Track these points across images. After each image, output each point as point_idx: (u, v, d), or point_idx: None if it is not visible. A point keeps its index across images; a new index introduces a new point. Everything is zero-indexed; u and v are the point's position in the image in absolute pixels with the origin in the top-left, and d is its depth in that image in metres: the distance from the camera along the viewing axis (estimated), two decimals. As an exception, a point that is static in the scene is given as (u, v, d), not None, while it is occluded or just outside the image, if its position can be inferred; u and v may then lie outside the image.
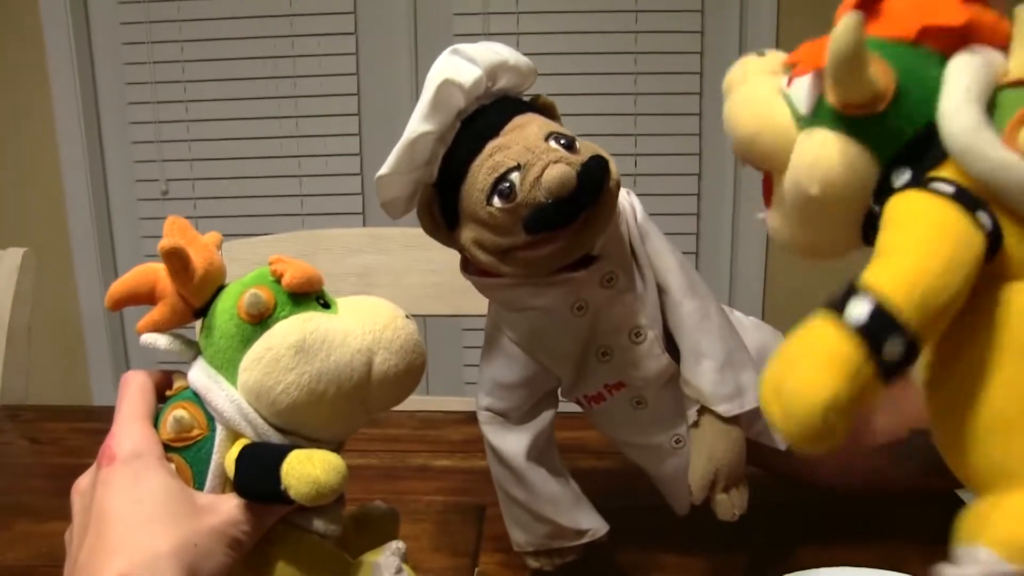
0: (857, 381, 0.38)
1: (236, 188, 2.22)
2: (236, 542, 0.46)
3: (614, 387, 0.64)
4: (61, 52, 2.16)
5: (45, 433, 1.00)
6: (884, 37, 0.45)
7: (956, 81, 0.43)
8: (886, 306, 0.39)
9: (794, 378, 0.39)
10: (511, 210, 0.54)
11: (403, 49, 2.15)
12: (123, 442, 0.47)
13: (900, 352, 0.39)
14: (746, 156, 0.51)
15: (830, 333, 0.39)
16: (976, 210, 0.41)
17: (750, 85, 0.52)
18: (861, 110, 0.44)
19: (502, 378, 0.64)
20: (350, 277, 1.24)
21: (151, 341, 0.49)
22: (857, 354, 0.38)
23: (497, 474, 0.66)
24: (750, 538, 0.69)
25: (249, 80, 2.16)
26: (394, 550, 0.50)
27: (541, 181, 0.53)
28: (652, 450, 0.66)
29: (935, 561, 0.43)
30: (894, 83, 0.44)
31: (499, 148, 0.55)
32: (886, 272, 0.40)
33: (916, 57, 0.45)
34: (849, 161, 0.45)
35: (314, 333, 0.47)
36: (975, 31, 0.44)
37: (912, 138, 0.44)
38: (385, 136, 2.17)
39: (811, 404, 0.38)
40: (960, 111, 0.42)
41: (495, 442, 0.64)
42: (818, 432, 0.39)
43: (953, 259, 0.40)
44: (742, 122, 0.51)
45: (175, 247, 0.46)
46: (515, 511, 0.66)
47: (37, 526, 0.77)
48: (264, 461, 0.46)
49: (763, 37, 2.08)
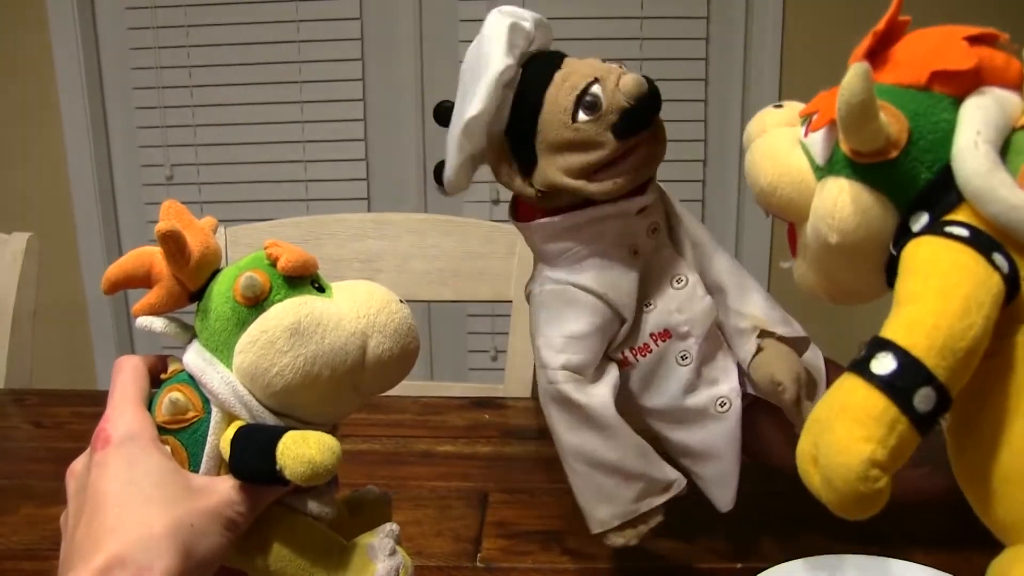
0: (893, 437, 0.38)
1: (241, 173, 2.22)
2: (231, 523, 0.46)
3: (660, 336, 0.64)
4: (66, 37, 2.16)
5: (49, 417, 1.01)
6: (894, 84, 0.45)
7: (969, 124, 0.43)
8: (910, 357, 0.38)
9: (830, 442, 0.39)
10: (598, 119, 0.58)
11: (408, 35, 2.14)
12: (117, 425, 0.47)
13: (932, 401, 0.38)
14: (768, 206, 0.52)
15: (859, 392, 0.39)
16: (992, 252, 0.41)
17: (769, 137, 0.53)
18: (875, 158, 0.44)
19: (575, 330, 0.62)
20: (354, 262, 1.24)
21: (147, 324, 0.49)
22: (890, 409, 0.38)
23: (577, 443, 0.62)
24: (752, 525, 0.70)
25: (254, 65, 2.16)
26: (388, 532, 0.50)
27: (620, 88, 0.58)
28: (694, 415, 0.65)
29: (936, 551, 0.43)
30: (906, 130, 0.44)
31: (569, 74, 0.60)
32: (906, 323, 0.40)
33: (927, 102, 0.45)
34: (865, 209, 0.45)
35: (309, 316, 0.47)
36: (985, 73, 0.44)
37: (928, 182, 0.44)
38: (389, 123, 2.17)
39: (850, 467, 0.38)
40: (973, 154, 0.42)
41: (581, 399, 0.61)
42: (861, 495, 0.38)
43: (971, 301, 0.39)
44: (763, 174, 0.52)
45: (171, 230, 0.47)
46: (600, 480, 0.62)
47: (41, 510, 0.77)
48: (259, 442, 0.46)
49: (767, 40, 2.07)
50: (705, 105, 2.13)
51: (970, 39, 0.45)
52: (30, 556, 0.71)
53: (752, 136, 0.54)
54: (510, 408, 1.00)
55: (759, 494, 0.65)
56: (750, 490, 0.64)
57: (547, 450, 0.86)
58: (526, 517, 0.75)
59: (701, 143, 2.14)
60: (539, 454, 0.87)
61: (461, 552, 0.70)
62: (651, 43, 2.07)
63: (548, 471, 0.83)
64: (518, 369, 1.16)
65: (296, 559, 0.48)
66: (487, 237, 1.22)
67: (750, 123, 0.55)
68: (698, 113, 2.13)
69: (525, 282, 0.69)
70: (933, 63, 0.45)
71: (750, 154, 0.53)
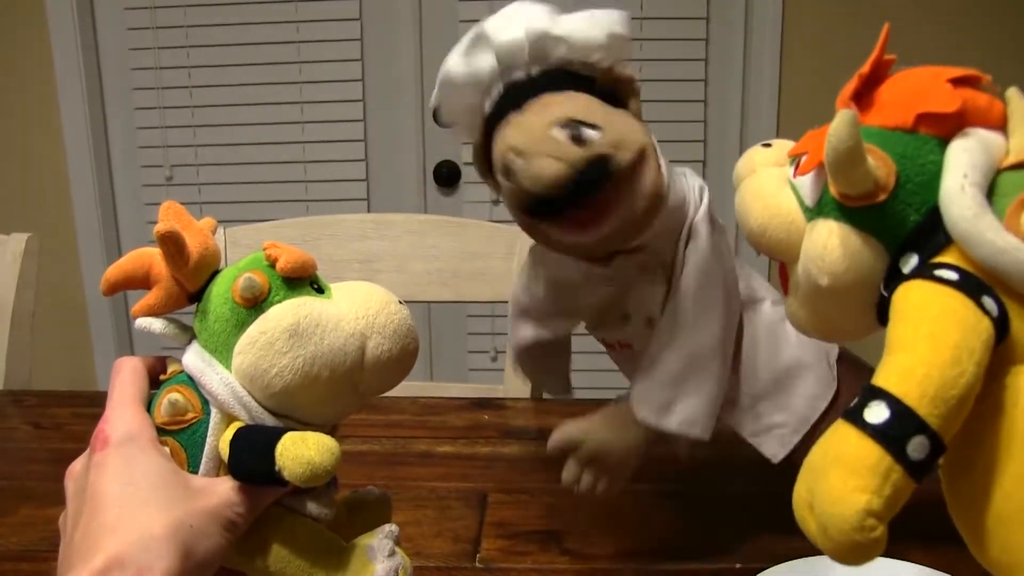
0: (888, 486, 0.38)
1: (240, 174, 2.22)
2: (231, 524, 0.46)
3: (625, 347, 0.68)
4: (65, 38, 2.16)
5: (48, 418, 1.01)
6: (881, 126, 0.46)
7: (956, 168, 0.44)
8: (903, 406, 0.39)
9: (825, 491, 0.39)
10: (513, 190, 0.57)
11: (408, 35, 2.14)
12: (116, 426, 0.47)
13: (926, 449, 0.39)
14: (759, 247, 0.52)
15: (853, 441, 0.39)
16: (981, 295, 0.41)
17: (758, 177, 0.53)
18: (863, 201, 0.45)
19: (530, 289, 0.70)
20: (354, 263, 1.24)
21: (146, 325, 0.49)
22: (884, 459, 0.38)
23: None
24: (752, 525, 0.69)
25: (254, 66, 2.16)
26: (387, 533, 0.50)
27: (530, 176, 0.54)
28: None
29: (935, 551, 0.43)
30: (894, 173, 0.45)
31: (513, 126, 0.57)
32: (897, 371, 0.40)
33: (914, 144, 0.45)
34: (854, 251, 0.46)
35: (308, 317, 0.47)
36: (969, 114, 0.45)
37: (917, 224, 0.45)
38: (389, 122, 2.17)
39: (846, 518, 0.38)
40: (960, 198, 0.43)
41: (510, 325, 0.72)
42: (857, 545, 0.38)
43: (962, 348, 0.39)
44: (752, 215, 0.52)
45: (170, 231, 0.47)
46: None
47: (40, 511, 0.77)
48: (258, 443, 0.46)
49: (767, 41, 2.07)
50: (704, 106, 2.13)
51: (954, 81, 0.46)
52: (29, 557, 0.71)
53: (741, 176, 0.55)
54: (509, 409, 1.00)
55: (759, 494, 0.65)
56: (750, 490, 0.64)
57: (546, 451, 0.86)
58: (525, 517, 0.75)
59: (700, 144, 2.14)
60: (538, 454, 0.87)
61: (460, 552, 0.70)
62: (651, 43, 2.07)
63: (548, 471, 0.83)
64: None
65: (295, 560, 0.48)
66: (487, 238, 1.22)
67: (739, 163, 0.55)
68: (697, 114, 2.13)
69: None
70: (919, 105, 0.45)
71: (740, 195, 0.54)
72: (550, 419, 0.77)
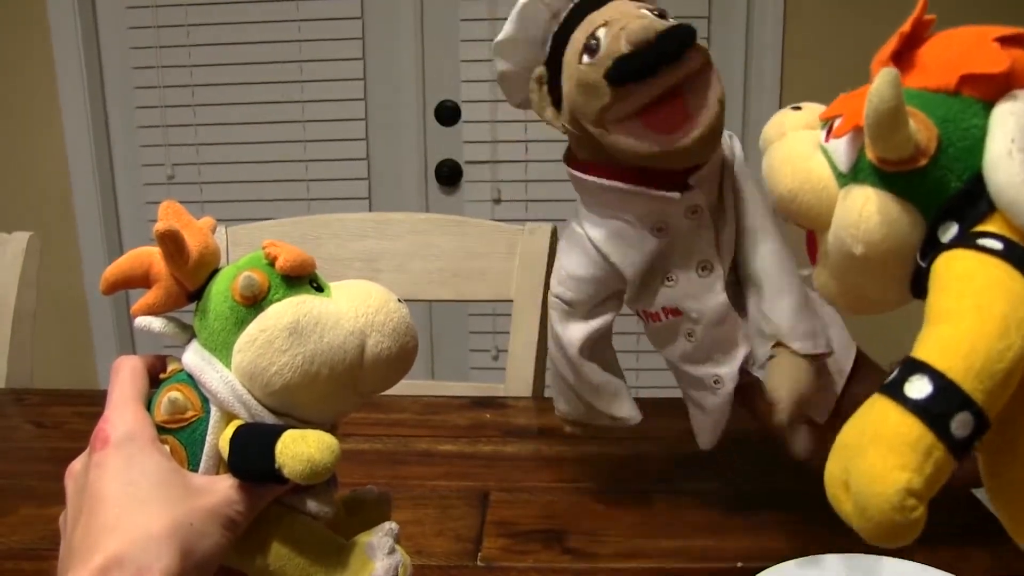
0: (930, 464, 0.36)
1: (242, 173, 2.22)
2: (231, 522, 0.46)
3: (671, 311, 0.67)
4: (67, 36, 2.16)
5: (50, 417, 1.01)
6: (922, 88, 0.44)
7: (1001, 131, 0.41)
8: (947, 381, 0.37)
9: (863, 470, 0.37)
10: (596, 63, 0.57)
11: (409, 34, 2.14)
12: (116, 425, 0.47)
13: (970, 426, 0.37)
14: (788, 213, 0.50)
15: (893, 417, 0.38)
16: None
17: (788, 141, 0.51)
18: (903, 166, 0.43)
19: (574, 271, 0.68)
20: (355, 262, 1.24)
21: (145, 324, 0.49)
22: (926, 435, 0.37)
23: (553, 353, 0.71)
24: (752, 525, 0.69)
25: (255, 65, 2.16)
26: (387, 531, 0.50)
27: (622, 32, 0.56)
28: (691, 379, 0.69)
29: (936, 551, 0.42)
30: (936, 137, 0.42)
31: (598, 12, 0.59)
32: (940, 343, 0.38)
33: (957, 107, 0.43)
34: (892, 219, 0.44)
35: (307, 315, 0.47)
36: (1018, 76, 0.43)
37: (958, 191, 0.43)
38: (391, 121, 2.17)
39: (886, 496, 0.36)
40: (1008, 164, 0.41)
41: (556, 328, 0.69)
42: (897, 525, 0.37)
43: (1010, 320, 0.37)
44: (782, 180, 0.50)
45: (170, 230, 0.47)
46: (562, 386, 0.72)
47: (41, 510, 0.77)
48: (258, 441, 0.46)
49: (768, 40, 2.06)
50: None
51: (1001, 40, 0.43)
52: (30, 556, 0.70)
53: (770, 139, 0.52)
54: (511, 407, 1.00)
55: (759, 494, 0.65)
56: (750, 490, 0.64)
57: (548, 449, 0.86)
58: (527, 517, 0.75)
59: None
60: (540, 453, 0.87)
61: (462, 551, 0.70)
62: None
63: (549, 470, 0.83)
64: (519, 368, 1.16)
65: (295, 558, 0.48)
66: (488, 237, 1.22)
67: (767, 126, 0.53)
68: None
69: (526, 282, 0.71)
70: (963, 66, 0.43)
71: (768, 159, 0.51)
72: (551, 418, 0.77)
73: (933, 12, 0.46)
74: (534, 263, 1.17)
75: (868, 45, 0.46)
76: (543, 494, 0.79)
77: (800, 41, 2.06)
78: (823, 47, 2.03)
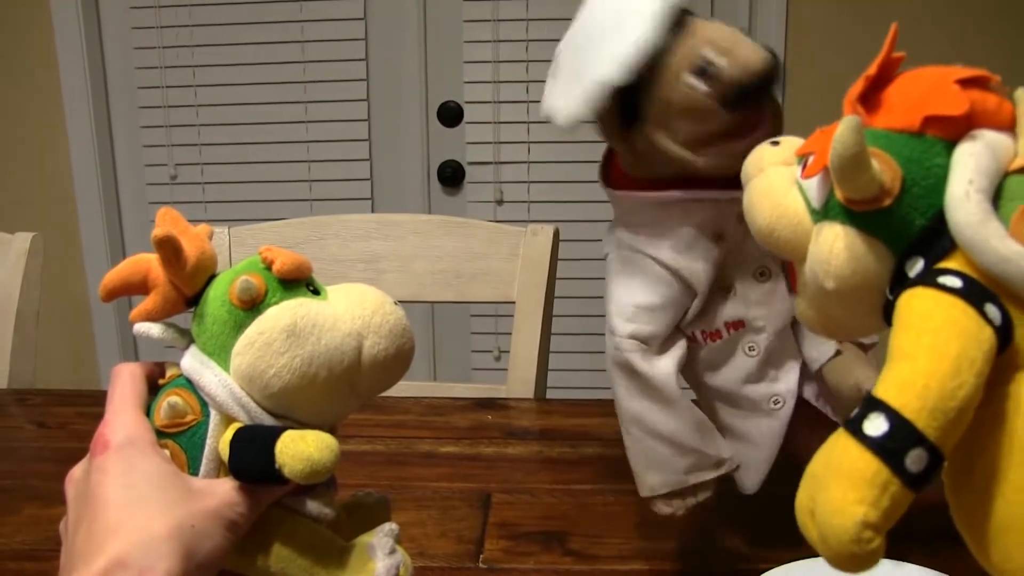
0: (886, 498, 0.38)
1: (245, 173, 2.22)
2: (232, 524, 0.46)
3: (733, 325, 0.65)
4: (70, 36, 2.16)
5: (52, 417, 1.01)
6: (888, 128, 0.46)
7: (961, 173, 0.43)
8: (901, 419, 0.38)
9: (825, 501, 0.39)
10: (711, 88, 0.57)
11: (412, 35, 2.14)
12: (116, 429, 0.47)
13: (924, 461, 0.38)
14: (767, 246, 0.52)
15: (852, 452, 0.39)
16: (985, 303, 0.41)
17: (766, 177, 0.53)
18: (869, 205, 0.45)
19: (645, 301, 0.64)
20: (358, 263, 1.24)
21: (144, 330, 0.50)
22: (882, 471, 0.38)
23: (637, 410, 0.64)
24: (753, 526, 0.69)
25: (258, 65, 2.16)
26: (388, 531, 0.51)
27: (740, 61, 0.56)
28: (747, 404, 0.66)
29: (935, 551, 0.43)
30: (900, 177, 0.44)
31: (702, 27, 0.58)
32: (897, 382, 0.40)
33: (921, 147, 0.45)
34: (860, 256, 0.46)
35: (305, 317, 0.48)
36: (978, 116, 0.44)
37: (922, 228, 0.44)
38: (394, 122, 2.17)
39: (845, 528, 0.38)
40: (964, 205, 0.42)
41: (645, 368, 0.63)
42: (855, 555, 0.38)
43: (963, 359, 0.39)
44: (761, 214, 0.52)
45: (167, 236, 0.47)
46: (653, 448, 0.64)
47: (44, 510, 0.77)
48: (258, 441, 0.47)
49: (770, 41, 2.07)
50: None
51: (962, 82, 0.45)
52: (33, 556, 0.71)
53: (750, 175, 0.54)
54: (513, 409, 1.00)
55: (760, 495, 0.65)
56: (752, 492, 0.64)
57: (549, 451, 0.86)
58: (528, 518, 0.75)
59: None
60: (542, 455, 0.87)
61: (463, 553, 0.70)
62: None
63: (551, 472, 0.83)
64: (521, 370, 1.16)
65: (296, 560, 0.48)
66: (491, 238, 1.22)
67: (747, 161, 0.55)
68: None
69: (527, 284, 0.69)
70: (926, 107, 0.45)
71: (748, 193, 0.54)
72: (553, 419, 0.77)
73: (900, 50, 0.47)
74: (537, 264, 1.17)
75: (870, 46, 0.47)
76: (545, 496, 0.79)
77: (802, 41, 2.06)
78: (825, 47, 2.03)
